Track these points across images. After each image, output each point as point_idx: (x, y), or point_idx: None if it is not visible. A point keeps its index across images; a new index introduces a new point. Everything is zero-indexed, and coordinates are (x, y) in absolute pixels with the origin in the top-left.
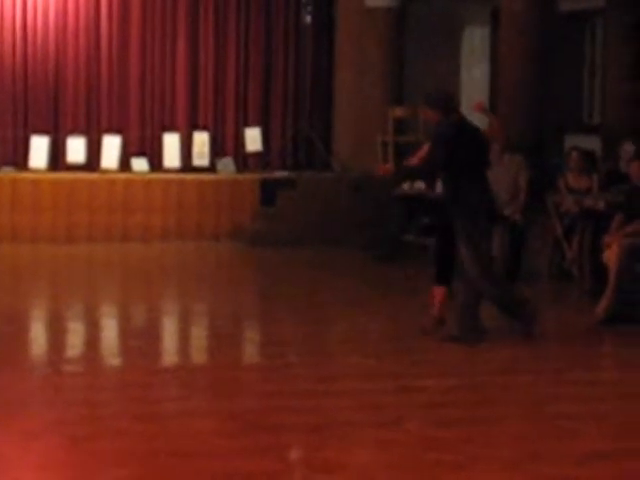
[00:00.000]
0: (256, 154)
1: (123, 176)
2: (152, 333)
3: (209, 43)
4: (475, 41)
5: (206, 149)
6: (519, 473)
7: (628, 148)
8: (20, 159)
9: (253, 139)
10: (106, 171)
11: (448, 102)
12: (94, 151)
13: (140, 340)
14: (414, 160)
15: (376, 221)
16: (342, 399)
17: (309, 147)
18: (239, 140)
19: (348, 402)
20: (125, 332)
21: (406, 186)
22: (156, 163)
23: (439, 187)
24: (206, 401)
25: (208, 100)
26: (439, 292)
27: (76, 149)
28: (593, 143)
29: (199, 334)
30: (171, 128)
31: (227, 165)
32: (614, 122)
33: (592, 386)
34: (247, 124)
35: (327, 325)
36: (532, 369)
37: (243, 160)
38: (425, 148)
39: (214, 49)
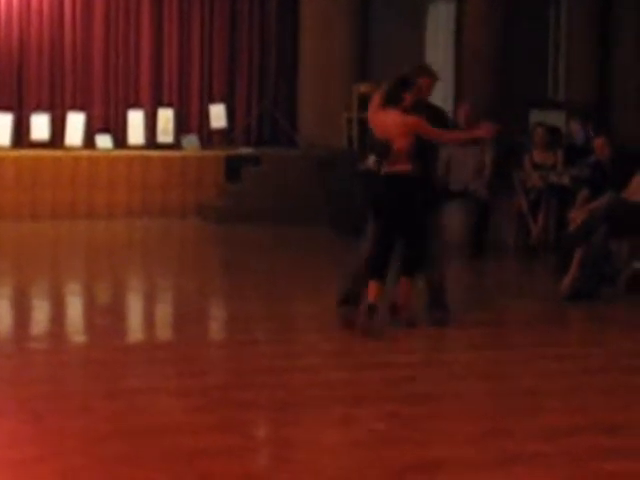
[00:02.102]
0: (221, 131)
1: (87, 153)
2: (117, 310)
3: (173, 19)
4: (440, 17)
5: (170, 126)
6: (485, 449)
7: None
8: None
9: (218, 116)
10: (70, 148)
11: None
12: (58, 128)
13: (105, 317)
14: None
15: (341, 197)
16: (308, 376)
17: (274, 124)
18: (204, 117)
19: (314, 379)
20: (90, 309)
21: (371, 162)
22: (120, 140)
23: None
24: (172, 378)
25: (172, 77)
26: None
27: (40, 126)
28: (558, 119)
29: (165, 311)
30: (135, 105)
31: (192, 142)
32: (578, 98)
33: (557, 362)
34: (212, 101)
35: (293, 302)
36: (497, 345)
37: (208, 137)
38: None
39: (178, 25)
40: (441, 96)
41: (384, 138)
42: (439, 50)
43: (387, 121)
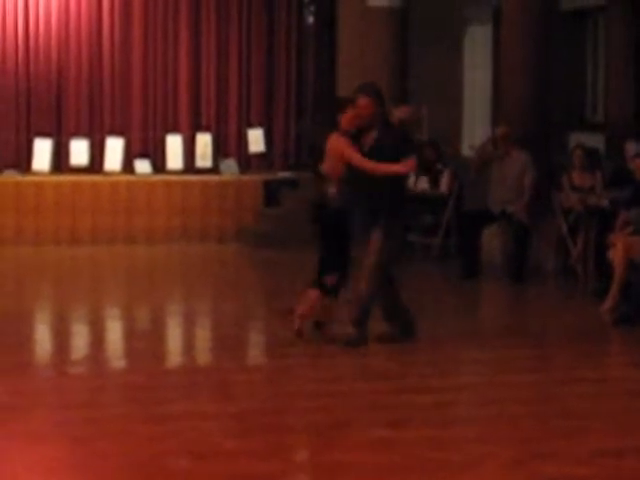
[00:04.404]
0: (259, 155)
1: (126, 178)
2: (157, 335)
3: (211, 44)
4: (477, 40)
5: (209, 150)
6: (524, 472)
7: (630, 147)
8: (23, 162)
9: (256, 140)
10: (109, 173)
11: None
12: (97, 153)
13: (145, 342)
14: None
15: None
16: (347, 399)
17: (312, 147)
18: (242, 141)
19: (353, 402)
20: (130, 334)
21: (410, 184)
22: (159, 165)
23: (443, 185)
24: (211, 402)
25: (211, 101)
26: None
27: (79, 151)
28: (597, 141)
29: (204, 335)
30: (174, 129)
31: (230, 166)
32: (617, 120)
33: (598, 384)
34: (250, 125)
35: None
36: (537, 368)
37: (246, 161)
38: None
39: (216, 50)
40: (480, 117)
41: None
42: (477, 72)
43: (328, 144)
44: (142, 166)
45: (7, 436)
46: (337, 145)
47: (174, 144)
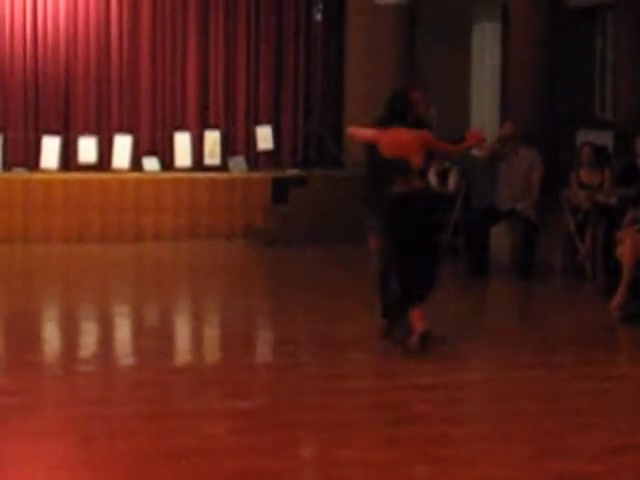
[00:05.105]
0: (267, 152)
1: (134, 176)
2: (165, 332)
3: (219, 42)
4: (485, 38)
5: (217, 148)
6: (532, 469)
7: None
8: (32, 160)
9: (264, 137)
10: (117, 171)
11: None
12: (105, 151)
13: (153, 339)
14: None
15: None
16: (354, 397)
17: (320, 144)
18: (250, 138)
19: (360, 400)
20: (138, 332)
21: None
22: (167, 162)
23: (451, 184)
24: (219, 400)
25: (219, 99)
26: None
27: (87, 149)
28: (605, 138)
29: (212, 333)
30: (182, 127)
31: (238, 164)
32: (626, 117)
33: (606, 381)
34: (258, 122)
35: (341, 323)
36: (546, 364)
37: (254, 158)
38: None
39: (224, 48)
40: (488, 115)
41: (399, 157)
42: (485, 70)
43: (401, 139)
44: (150, 164)
45: (15, 433)
46: (423, 137)
47: (182, 142)
